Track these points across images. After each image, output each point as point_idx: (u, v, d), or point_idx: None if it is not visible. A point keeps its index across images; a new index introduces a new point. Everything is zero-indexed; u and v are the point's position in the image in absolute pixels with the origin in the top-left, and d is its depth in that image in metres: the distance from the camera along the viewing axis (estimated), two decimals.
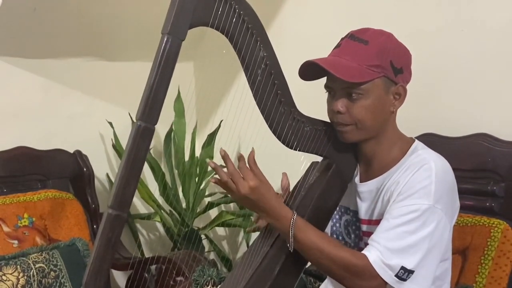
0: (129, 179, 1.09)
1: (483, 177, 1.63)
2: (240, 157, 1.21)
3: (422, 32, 1.80)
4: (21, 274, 1.85)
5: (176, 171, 2.50)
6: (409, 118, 1.39)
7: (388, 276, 1.17)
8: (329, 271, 1.24)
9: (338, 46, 1.28)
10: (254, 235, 2.34)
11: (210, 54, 2.58)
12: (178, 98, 2.46)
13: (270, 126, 1.28)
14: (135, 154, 1.09)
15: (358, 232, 1.38)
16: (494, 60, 1.70)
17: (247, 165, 1.21)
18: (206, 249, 2.52)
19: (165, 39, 1.10)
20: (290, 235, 1.21)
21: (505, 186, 1.59)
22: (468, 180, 1.61)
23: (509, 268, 1.49)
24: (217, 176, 1.22)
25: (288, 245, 1.23)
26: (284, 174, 1.39)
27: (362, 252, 1.20)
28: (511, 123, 1.66)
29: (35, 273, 1.88)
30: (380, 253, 1.17)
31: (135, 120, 1.11)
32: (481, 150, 1.64)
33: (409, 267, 1.16)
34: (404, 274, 1.17)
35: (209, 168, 2.46)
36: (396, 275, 1.17)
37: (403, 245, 1.17)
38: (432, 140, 1.66)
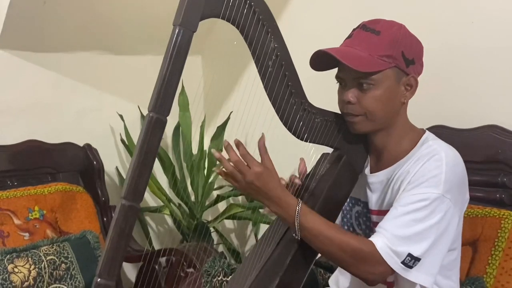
0: (141, 170, 1.10)
1: (493, 169, 1.63)
2: (238, 144, 1.21)
3: (431, 24, 1.79)
4: (32, 266, 1.86)
5: (185, 164, 2.50)
6: (419, 110, 1.38)
7: (394, 262, 1.17)
8: (335, 258, 1.24)
9: (350, 36, 1.29)
10: (263, 228, 2.36)
11: (218, 47, 2.59)
12: (183, 92, 2.46)
13: (281, 118, 1.28)
14: (147, 145, 1.10)
15: (369, 223, 1.39)
16: (504, 51, 1.69)
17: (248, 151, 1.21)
18: (215, 242, 2.53)
19: (177, 31, 1.11)
20: (296, 223, 1.21)
21: None
22: (479, 172, 1.61)
23: None
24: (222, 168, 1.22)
25: (294, 234, 1.23)
26: (302, 159, 1.38)
27: (369, 238, 1.20)
28: None
29: (46, 265, 1.89)
30: (387, 240, 1.17)
31: (145, 113, 1.12)
32: (491, 141, 1.63)
33: (415, 254, 1.17)
34: (411, 261, 1.17)
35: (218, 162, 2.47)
36: (403, 262, 1.17)
37: (410, 233, 1.17)
38: (442, 132, 1.65)
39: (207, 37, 2.57)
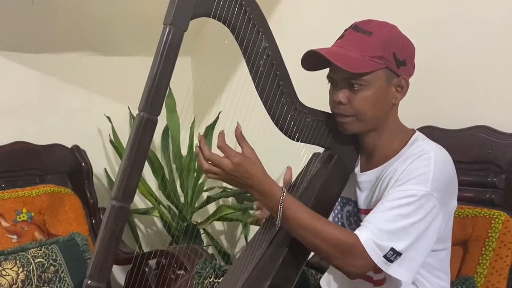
0: (132, 170, 1.09)
1: (483, 169, 1.64)
2: (219, 135, 1.20)
3: (421, 25, 1.80)
4: (20, 269, 1.84)
5: (174, 166, 2.49)
6: (409, 111, 1.38)
7: (376, 256, 1.16)
8: (318, 249, 1.22)
9: (341, 37, 1.29)
10: (253, 230, 2.36)
11: (207, 47, 2.58)
12: (170, 94, 2.44)
13: (272, 117, 1.28)
14: (138, 145, 1.09)
15: (359, 223, 1.38)
16: (494, 52, 1.70)
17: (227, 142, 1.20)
18: (205, 244, 2.52)
19: (167, 30, 1.09)
20: (279, 212, 1.20)
21: (505, 177, 1.60)
22: (469, 172, 1.62)
23: (510, 258, 1.50)
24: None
25: (276, 222, 1.22)
26: (288, 168, 1.37)
27: (354, 231, 1.20)
28: (510, 115, 1.66)
29: (34, 268, 1.87)
30: (371, 233, 1.17)
31: (136, 113, 1.11)
32: (481, 142, 1.65)
33: (398, 249, 1.17)
34: (393, 255, 1.17)
35: None
36: (385, 256, 1.17)
37: (395, 227, 1.17)
38: (432, 133, 1.66)
39: (196, 38, 2.56)
